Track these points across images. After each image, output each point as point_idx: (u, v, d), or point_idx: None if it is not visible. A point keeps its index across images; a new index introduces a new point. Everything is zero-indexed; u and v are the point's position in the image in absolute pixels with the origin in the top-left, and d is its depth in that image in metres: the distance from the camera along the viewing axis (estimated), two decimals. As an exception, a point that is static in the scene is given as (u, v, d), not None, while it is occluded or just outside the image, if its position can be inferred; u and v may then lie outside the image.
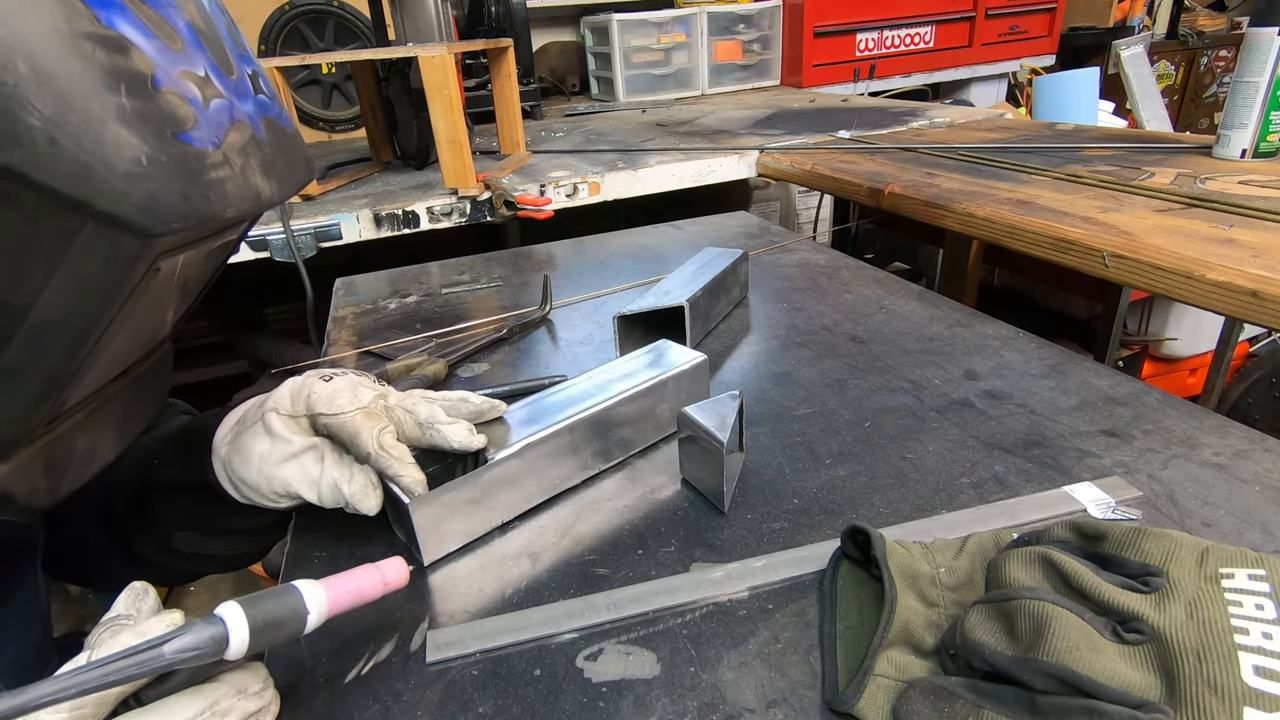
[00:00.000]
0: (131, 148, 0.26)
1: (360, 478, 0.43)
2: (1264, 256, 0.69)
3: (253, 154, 0.33)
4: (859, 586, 0.39)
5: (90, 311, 0.30)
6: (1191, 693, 0.27)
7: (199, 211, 0.29)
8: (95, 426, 0.37)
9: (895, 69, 2.55)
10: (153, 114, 0.28)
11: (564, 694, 0.35)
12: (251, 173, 0.33)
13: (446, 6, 1.32)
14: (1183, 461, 0.48)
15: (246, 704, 0.30)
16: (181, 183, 0.28)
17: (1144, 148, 1.20)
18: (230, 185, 0.31)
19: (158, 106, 0.28)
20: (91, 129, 0.26)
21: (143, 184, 0.27)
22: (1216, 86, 3.48)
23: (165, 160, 0.28)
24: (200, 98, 0.30)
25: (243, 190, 0.32)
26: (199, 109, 0.30)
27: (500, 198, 1.17)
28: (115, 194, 0.26)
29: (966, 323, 0.72)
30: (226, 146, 0.31)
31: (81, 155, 0.25)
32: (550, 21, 2.49)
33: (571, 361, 0.71)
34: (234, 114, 0.32)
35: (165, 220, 0.28)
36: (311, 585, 0.32)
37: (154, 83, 0.28)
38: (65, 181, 0.25)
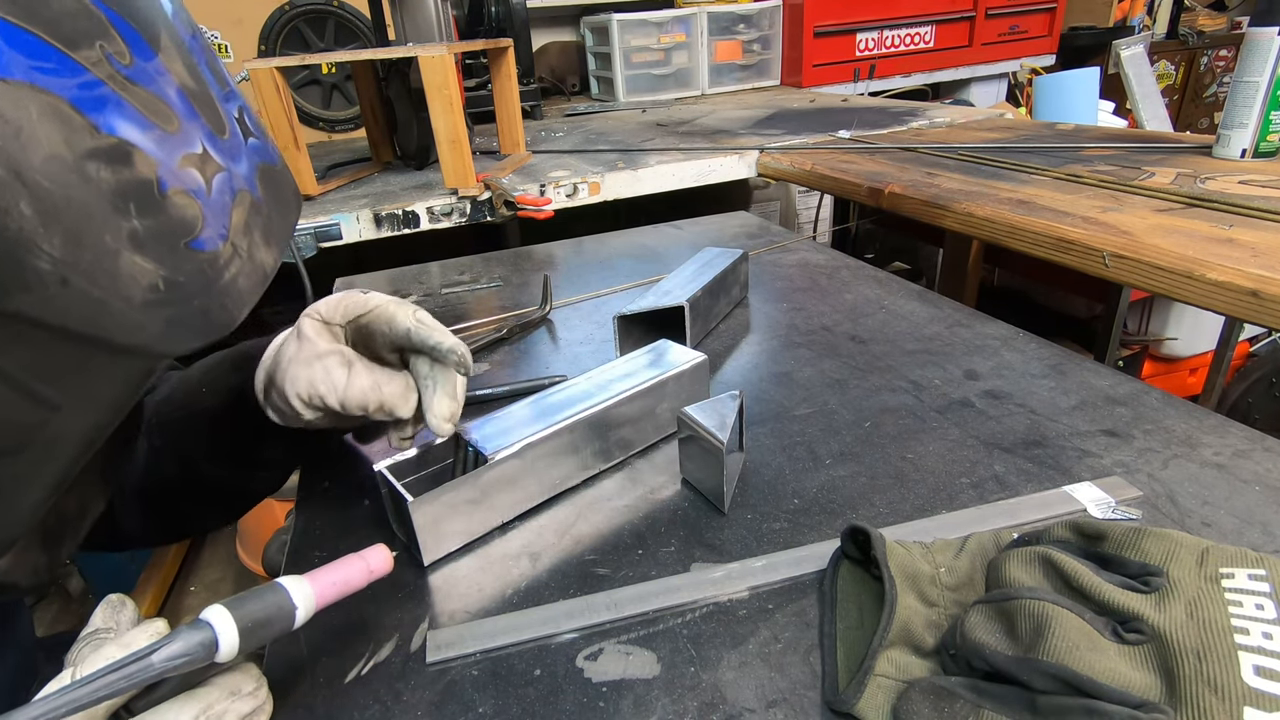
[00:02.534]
0: (147, 275, 0.25)
1: (399, 380, 0.43)
2: (1264, 256, 0.69)
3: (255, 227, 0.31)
4: (859, 586, 0.39)
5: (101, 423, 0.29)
6: (1192, 692, 0.27)
7: (218, 324, 0.28)
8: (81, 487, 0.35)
9: (895, 69, 2.55)
10: (163, 229, 0.26)
11: (564, 694, 0.35)
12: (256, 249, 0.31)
13: (446, 6, 1.32)
14: (1183, 461, 0.48)
15: (240, 705, 0.30)
16: (200, 299, 0.27)
17: (1144, 147, 1.20)
18: (242, 279, 0.29)
19: (167, 217, 0.26)
20: (105, 263, 0.24)
21: (161, 311, 0.25)
22: (1216, 86, 3.48)
23: (182, 280, 0.26)
24: (203, 183, 0.28)
25: (252, 275, 0.30)
26: (204, 200, 0.28)
27: (500, 198, 1.17)
28: (134, 327, 0.25)
29: (966, 323, 0.72)
30: (233, 233, 0.29)
31: (96, 293, 0.23)
32: (550, 21, 2.49)
33: (571, 361, 0.71)
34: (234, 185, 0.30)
35: (186, 342, 0.27)
36: (297, 581, 0.32)
37: (160, 188, 0.26)
38: (79, 321, 0.23)
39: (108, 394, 0.27)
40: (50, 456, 0.27)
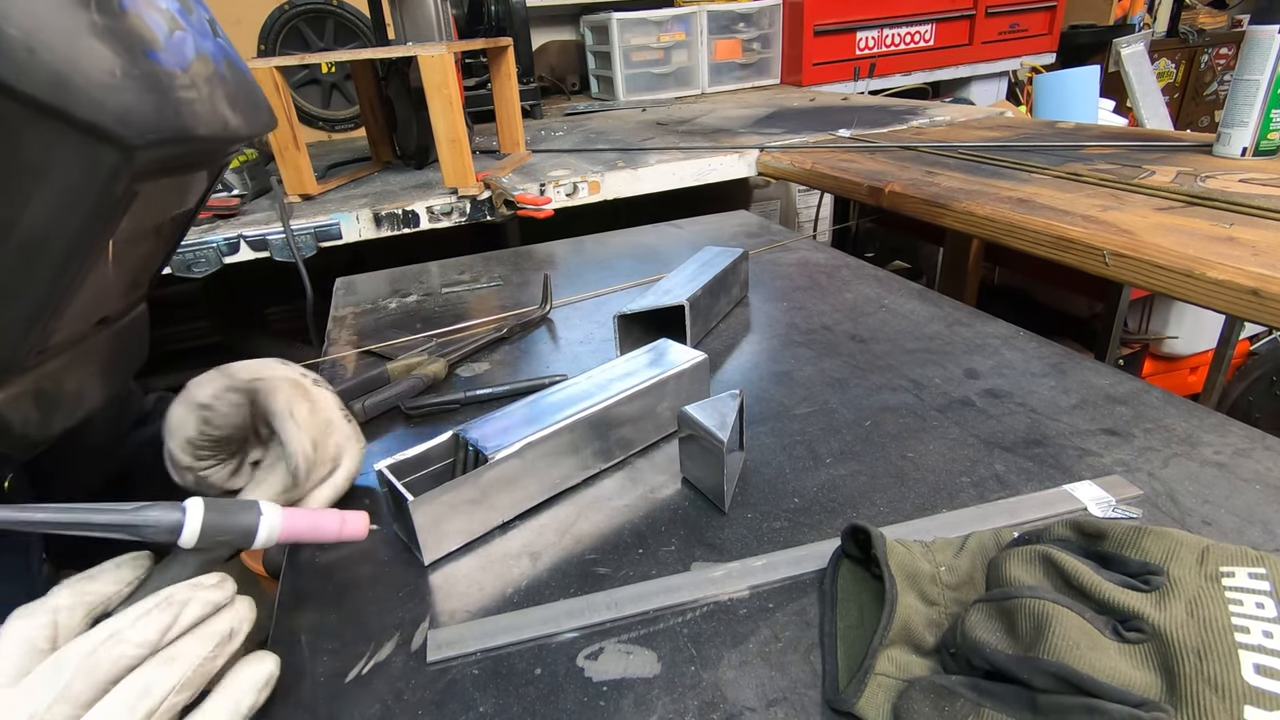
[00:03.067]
0: (105, 59, 0.28)
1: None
2: (1264, 255, 0.69)
3: (217, 85, 0.34)
4: (859, 585, 0.39)
5: (74, 228, 0.30)
6: (1192, 691, 0.27)
7: (172, 125, 0.30)
8: (81, 370, 0.38)
9: (895, 67, 2.55)
10: (122, 31, 0.29)
11: (565, 693, 0.35)
12: (218, 101, 0.34)
13: (446, 6, 1.32)
14: (1183, 460, 0.48)
15: (206, 594, 0.32)
16: (154, 96, 0.29)
17: (1144, 146, 1.20)
18: (199, 106, 0.32)
19: (126, 25, 0.29)
20: (66, 40, 0.27)
21: (118, 94, 0.28)
22: (1217, 84, 3.48)
23: (137, 74, 0.29)
24: (165, 27, 0.31)
25: (211, 113, 0.33)
26: (164, 35, 0.31)
27: (500, 197, 1.17)
28: (93, 103, 0.27)
29: (967, 321, 0.72)
30: (193, 73, 0.32)
31: (59, 64, 0.26)
32: (550, 20, 2.49)
33: (571, 361, 0.71)
34: (197, 47, 0.33)
35: (141, 131, 0.29)
36: (272, 507, 0.36)
37: (120, 4, 0.29)
38: (45, 90, 0.26)
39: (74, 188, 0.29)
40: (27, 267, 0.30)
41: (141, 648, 0.30)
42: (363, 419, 0.62)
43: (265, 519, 0.36)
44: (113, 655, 0.29)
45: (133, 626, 0.30)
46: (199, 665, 0.30)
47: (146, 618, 0.30)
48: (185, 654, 0.30)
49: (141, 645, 0.30)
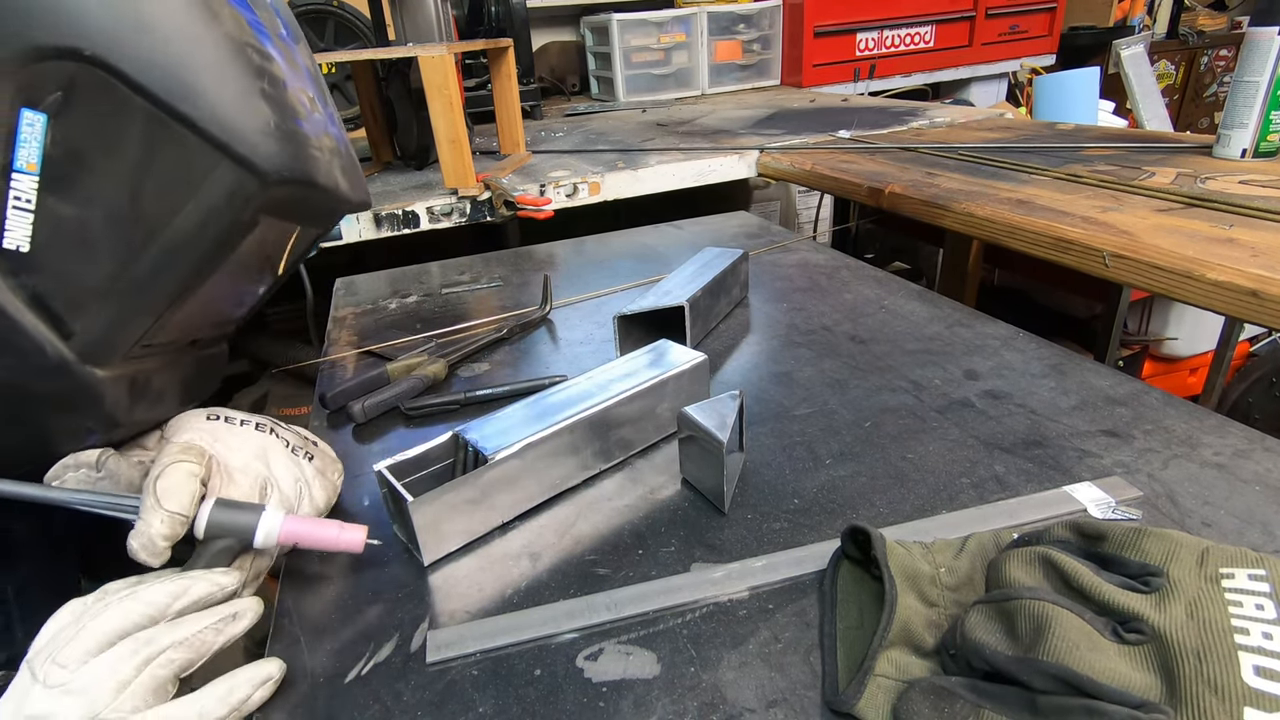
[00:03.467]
0: (265, 115, 0.37)
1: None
2: (1264, 256, 0.69)
3: (335, 156, 0.44)
4: (859, 586, 0.39)
5: (207, 239, 0.38)
6: (1192, 692, 0.27)
7: (301, 169, 0.39)
8: (168, 376, 0.44)
9: (895, 69, 2.55)
10: (281, 100, 0.39)
11: (564, 694, 0.35)
12: (334, 167, 0.43)
13: (446, 6, 1.32)
14: (1183, 461, 0.48)
15: (214, 575, 0.37)
16: (292, 147, 0.39)
17: (1144, 147, 1.20)
18: (321, 164, 0.41)
19: (285, 97, 0.39)
20: (241, 96, 0.36)
21: (269, 140, 0.37)
22: (1217, 86, 3.48)
23: (285, 130, 0.38)
24: (308, 108, 0.41)
25: (328, 172, 0.42)
26: (307, 112, 0.41)
27: (500, 198, 1.17)
28: (249, 144, 0.36)
29: (967, 322, 0.72)
30: (321, 142, 0.42)
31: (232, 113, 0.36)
32: (550, 21, 2.49)
33: (571, 361, 0.71)
34: (327, 128, 0.43)
35: (278, 168, 0.38)
36: (274, 512, 0.40)
37: (284, 85, 0.39)
38: (218, 130, 0.35)
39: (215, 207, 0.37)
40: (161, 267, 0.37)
41: (150, 606, 0.34)
42: (362, 419, 0.62)
43: (264, 520, 0.39)
44: (124, 608, 0.33)
45: (147, 588, 0.35)
46: (200, 631, 0.34)
47: (159, 583, 0.35)
48: (189, 621, 0.35)
49: (150, 604, 0.34)
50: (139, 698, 0.32)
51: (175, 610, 0.35)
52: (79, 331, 0.37)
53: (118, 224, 0.36)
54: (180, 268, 0.38)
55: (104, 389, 0.38)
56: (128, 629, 0.33)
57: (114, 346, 0.38)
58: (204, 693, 0.34)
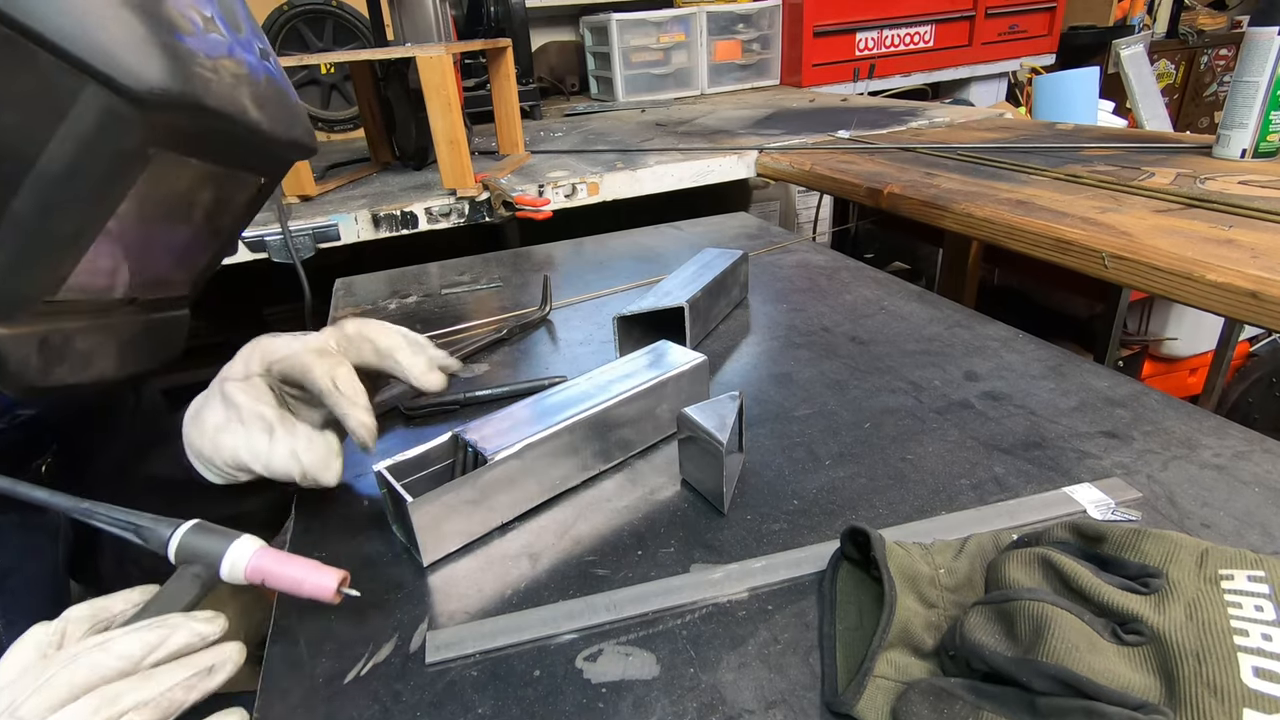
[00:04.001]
0: (131, 26, 0.32)
1: (320, 444, 0.41)
2: (1264, 257, 0.69)
3: (244, 85, 0.38)
4: (859, 587, 0.39)
5: (87, 175, 0.34)
6: (1191, 694, 0.27)
7: (180, 88, 0.34)
8: (96, 337, 0.40)
9: (895, 68, 2.55)
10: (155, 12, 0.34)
11: (564, 695, 0.35)
12: (240, 93, 0.38)
13: (445, 6, 1.32)
14: (1182, 463, 0.48)
15: (196, 625, 0.34)
16: (168, 62, 0.34)
17: (1144, 147, 1.20)
18: (215, 85, 0.36)
19: (160, 10, 0.34)
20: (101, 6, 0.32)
21: (136, 54, 0.32)
22: (1217, 86, 3.48)
23: (157, 43, 0.33)
24: (201, 25, 0.36)
25: (228, 95, 0.37)
26: (198, 30, 0.36)
27: (499, 198, 1.17)
28: (112, 59, 0.32)
29: (966, 324, 0.72)
30: (217, 64, 0.36)
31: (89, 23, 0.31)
32: (549, 21, 2.49)
33: (571, 362, 0.71)
34: (232, 51, 0.38)
35: (150, 87, 0.33)
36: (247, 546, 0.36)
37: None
38: (72, 42, 0.31)
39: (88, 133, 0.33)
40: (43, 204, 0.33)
41: (123, 660, 0.31)
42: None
43: (231, 552, 0.36)
44: (93, 661, 0.31)
45: (120, 640, 0.32)
46: (170, 689, 0.31)
47: (135, 634, 0.32)
48: (160, 676, 0.32)
49: (123, 658, 0.31)
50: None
51: (149, 662, 0.32)
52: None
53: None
54: (67, 208, 0.34)
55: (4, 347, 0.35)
56: (95, 683, 0.31)
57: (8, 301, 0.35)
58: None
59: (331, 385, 0.40)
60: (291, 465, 0.41)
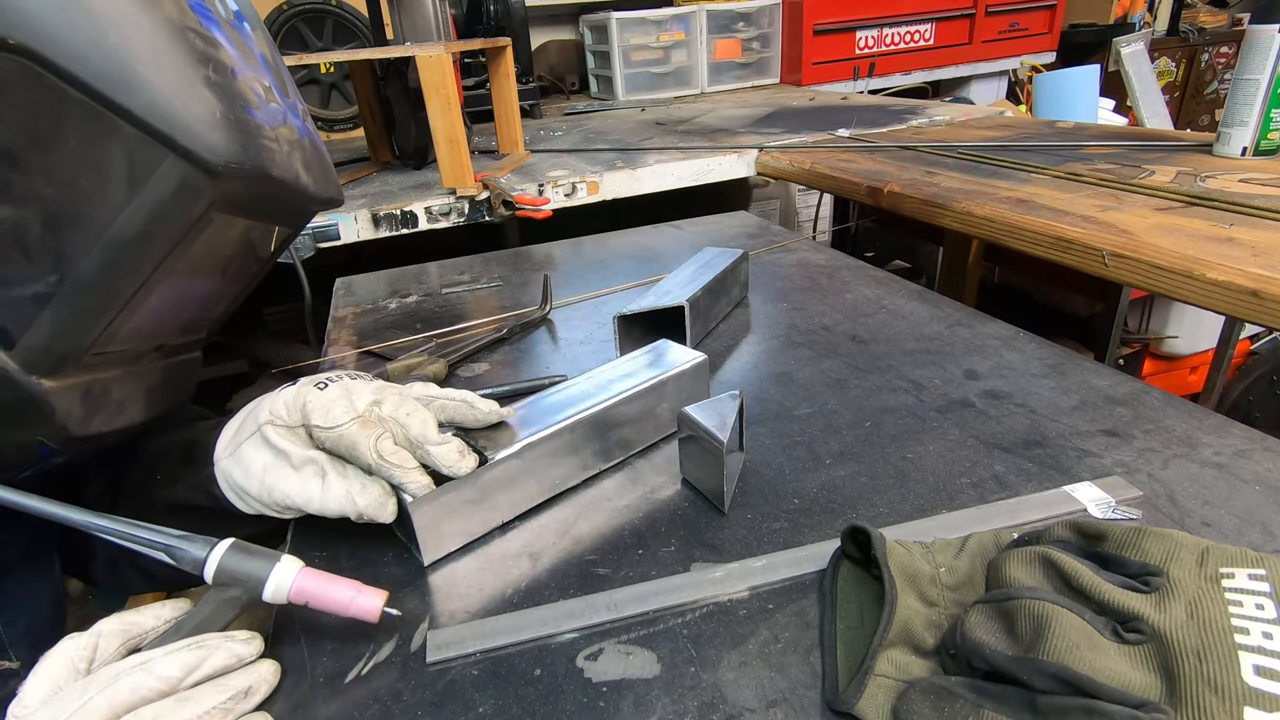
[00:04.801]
0: (210, 104, 0.35)
1: (374, 489, 0.42)
2: (1264, 255, 0.69)
3: (296, 150, 0.41)
4: (859, 586, 0.39)
5: (155, 237, 0.35)
6: (1192, 692, 0.27)
7: (252, 160, 0.37)
8: (128, 385, 0.42)
9: (895, 67, 2.55)
10: (229, 89, 0.36)
11: (564, 694, 0.35)
12: (295, 160, 0.41)
13: (444, 6, 1.32)
14: (1183, 461, 0.48)
15: (234, 646, 0.34)
16: (241, 137, 0.36)
17: (1144, 145, 1.20)
18: (278, 156, 0.39)
19: (233, 86, 0.37)
20: (183, 85, 0.34)
21: (214, 131, 0.35)
22: (1217, 83, 3.48)
23: (232, 119, 0.36)
24: (263, 97, 0.39)
25: (286, 164, 0.40)
26: (261, 102, 0.39)
27: (498, 197, 1.17)
28: (193, 135, 0.34)
29: (966, 322, 0.72)
30: (278, 133, 0.39)
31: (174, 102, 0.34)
32: (549, 20, 2.49)
33: (571, 361, 0.71)
34: (286, 119, 0.41)
35: (226, 160, 0.35)
36: (290, 567, 0.37)
37: (232, 73, 0.37)
38: (159, 120, 0.33)
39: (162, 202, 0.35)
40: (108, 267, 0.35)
41: (163, 681, 0.32)
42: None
43: (275, 573, 0.37)
44: (134, 682, 0.31)
45: (160, 661, 0.32)
46: (208, 712, 0.32)
47: (175, 655, 0.33)
48: (199, 698, 0.32)
49: (163, 679, 0.32)
50: None
51: (188, 683, 0.33)
52: (21, 340, 0.34)
53: (56, 225, 0.34)
54: (129, 269, 0.36)
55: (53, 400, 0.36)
56: (135, 704, 0.31)
57: (61, 355, 0.36)
58: None
59: (379, 459, 0.40)
60: (347, 506, 0.41)
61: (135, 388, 0.43)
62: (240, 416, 0.46)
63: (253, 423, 0.44)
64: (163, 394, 0.45)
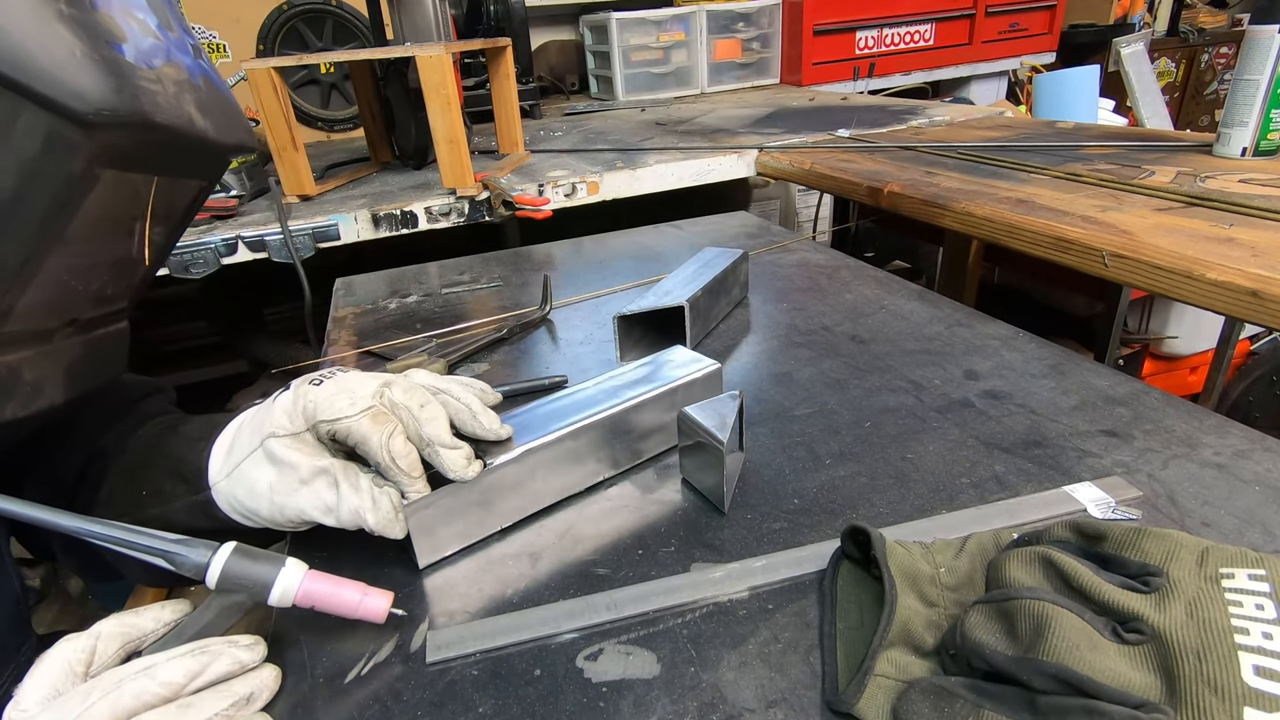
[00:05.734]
0: (67, 42, 0.30)
1: (384, 503, 0.41)
2: (1264, 256, 0.69)
3: (186, 90, 0.37)
4: (859, 586, 0.39)
5: (33, 201, 0.32)
6: (1191, 692, 0.27)
7: (128, 106, 0.32)
8: (43, 365, 0.38)
9: (895, 67, 2.55)
10: (87, 21, 0.31)
11: (564, 694, 0.35)
12: (185, 101, 0.36)
13: (444, 6, 1.32)
14: (1183, 461, 0.48)
15: (237, 652, 0.34)
16: (113, 79, 0.32)
17: (1144, 146, 1.20)
18: (161, 98, 0.34)
19: (93, 18, 0.32)
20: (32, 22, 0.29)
21: (76, 72, 0.30)
22: (1217, 84, 3.48)
23: (97, 58, 0.31)
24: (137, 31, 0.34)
25: (174, 107, 0.35)
26: (134, 36, 0.34)
27: (498, 197, 1.17)
28: (51, 79, 0.30)
29: (966, 322, 0.72)
30: (160, 72, 0.35)
31: (22, 42, 0.29)
32: (549, 20, 2.49)
33: (571, 362, 0.71)
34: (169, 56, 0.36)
35: (97, 108, 0.31)
36: (296, 571, 0.37)
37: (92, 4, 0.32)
38: (7, 65, 0.29)
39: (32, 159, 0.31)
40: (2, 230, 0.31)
41: (166, 687, 0.32)
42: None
43: (282, 578, 0.36)
44: (138, 688, 0.31)
45: (164, 666, 0.32)
46: (211, 718, 0.32)
47: (178, 660, 0.32)
48: (201, 705, 0.32)
49: (166, 685, 0.32)
50: None
51: (190, 690, 0.32)
52: None
53: None
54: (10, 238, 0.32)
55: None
56: (137, 710, 0.31)
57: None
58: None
59: (390, 460, 0.39)
60: (358, 521, 0.41)
61: (51, 367, 0.39)
62: (229, 434, 0.44)
63: (248, 439, 0.42)
64: (86, 371, 0.42)
